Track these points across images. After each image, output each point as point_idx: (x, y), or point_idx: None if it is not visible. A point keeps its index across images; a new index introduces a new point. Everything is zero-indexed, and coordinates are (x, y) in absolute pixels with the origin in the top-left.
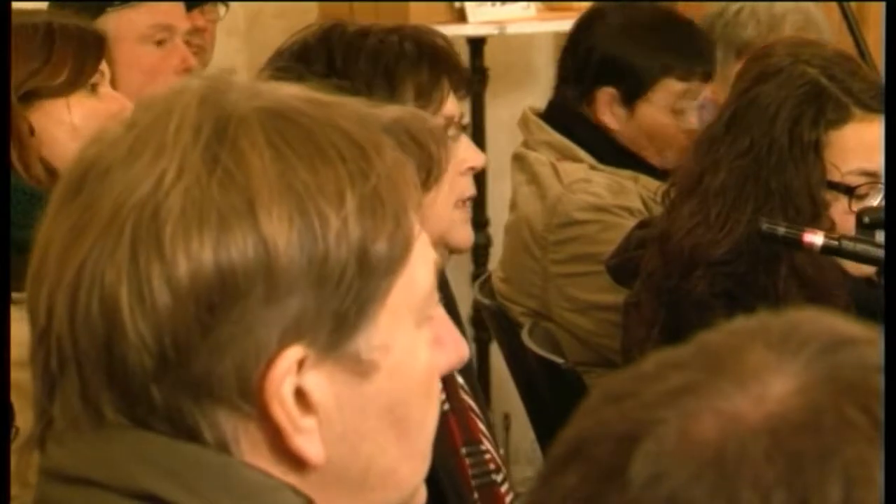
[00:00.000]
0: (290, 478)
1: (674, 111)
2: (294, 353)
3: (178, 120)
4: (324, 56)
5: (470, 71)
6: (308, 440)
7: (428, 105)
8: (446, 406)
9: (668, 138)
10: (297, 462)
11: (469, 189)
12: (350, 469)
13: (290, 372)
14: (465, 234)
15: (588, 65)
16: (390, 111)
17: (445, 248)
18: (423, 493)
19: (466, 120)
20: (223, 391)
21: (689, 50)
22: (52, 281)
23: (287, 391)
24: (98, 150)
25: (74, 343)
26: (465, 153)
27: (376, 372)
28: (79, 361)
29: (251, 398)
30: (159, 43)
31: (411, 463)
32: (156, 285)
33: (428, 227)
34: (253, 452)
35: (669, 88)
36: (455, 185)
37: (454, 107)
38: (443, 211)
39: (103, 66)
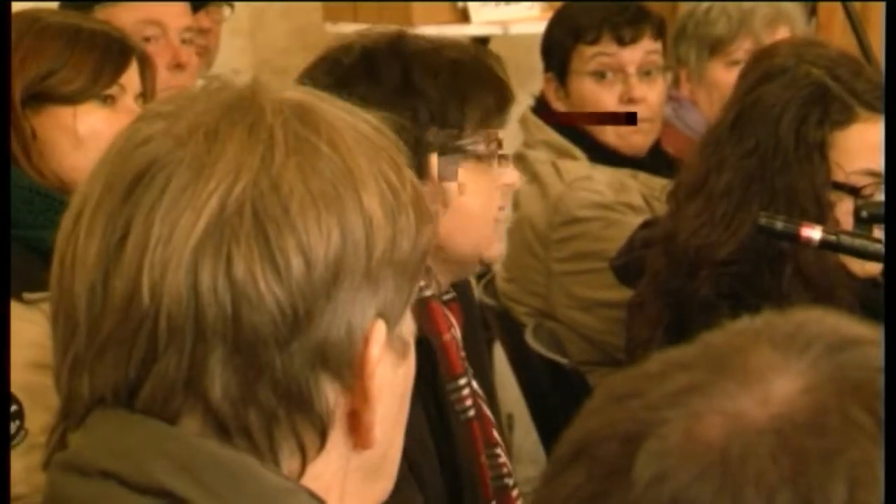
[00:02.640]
0: (343, 457)
1: (594, 76)
2: (382, 329)
3: (252, 105)
4: (398, 70)
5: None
6: (377, 419)
7: (487, 129)
8: (472, 412)
9: (598, 106)
10: (356, 441)
11: (505, 201)
12: (374, 455)
13: (380, 348)
14: (500, 247)
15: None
16: None
17: (480, 261)
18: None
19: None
20: (332, 360)
21: (591, 16)
22: (154, 266)
23: (376, 368)
24: (158, 143)
25: (197, 318)
26: (505, 169)
27: (407, 356)
28: (197, 337)
29: (350, 370)
30: (148, 40)
31: (399, 455)
32: (292, 257)
33: (466, 238)
34: (337, 425)
35: (583, 55)
36: (494, 198)
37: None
38: (486, 224)
39: (127, 79)
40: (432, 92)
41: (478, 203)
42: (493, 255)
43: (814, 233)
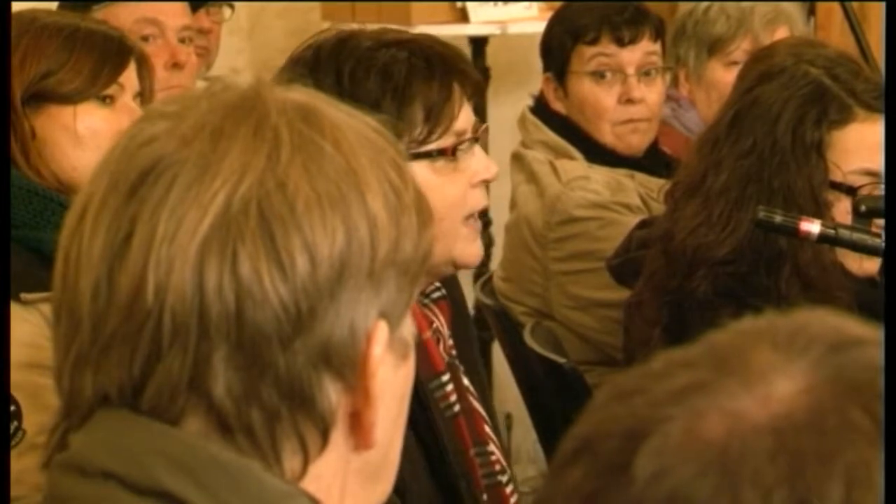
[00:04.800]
0: (343, 458)
1: (593, 76)
2: (384, 330)
3: (256, 105)
4: (333, 71)
5: (480, 77)
6: (378, 419)
7: (438, 125)
8: (457, 408)
9: (596, 106)
10: (356, 442)
11: (481, 202)
12: (374, 457)
13: (382, 348)
14: (473, 251)
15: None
16: None
17: (452, 264)
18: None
19: (483, 129)
20: (335, 359)
21: (591, 16)
22: (159, 263)
23: (378, 368)
24: (163, 142)
25: (201, 316)
26: (477, 165)
27: (407, 357)
28: (201, 335)
29: (352, 370)
30: (146, 39)
31: (398, 457)
32: (297, 256)
33: (436, 243)
34: (338, 425)
35: (582, 55)
36: (467, 199)
37: (466, 119)
38: (451, 226)
39: (126, 79)
40: (362, 94)
41: (443, 203)
42: (468, 259)
43: (812, 226)
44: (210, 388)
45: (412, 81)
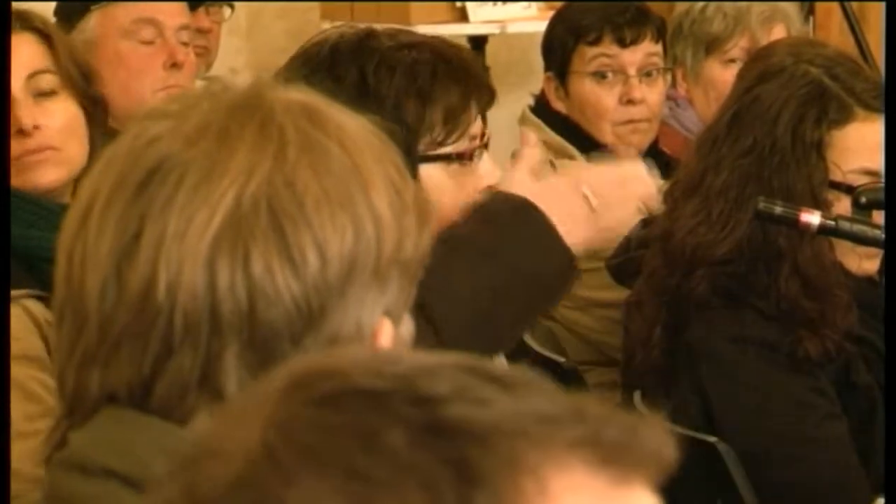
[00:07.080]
0: None
1: (594, 76)
2: (389, 327)
3: (261, 105)
4: (356, 68)
5: (494, 89)
6: None
7: (455, 128)
8: None
9: (597, 106)
10: None
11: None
12: None
13: (388, 345)
14: None
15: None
16: None
17: None
18: None
19: (489, 136)
20: None
21: (593, 16)
22: (170, 262)
23: None
24: (167, 142)
25: (213, 313)
26: (484, 170)
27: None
28: (212, 333)
29: None
30: (144, 39)
31: None
32: (308, 253)
33: None
34: None
35: (584, 55)
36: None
37: (479, 125)
38: None
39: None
40: (387, 92)
41: (452, 205)
42: None
43: (812, 217)
44: (222, 386)
45: (436, 83)
